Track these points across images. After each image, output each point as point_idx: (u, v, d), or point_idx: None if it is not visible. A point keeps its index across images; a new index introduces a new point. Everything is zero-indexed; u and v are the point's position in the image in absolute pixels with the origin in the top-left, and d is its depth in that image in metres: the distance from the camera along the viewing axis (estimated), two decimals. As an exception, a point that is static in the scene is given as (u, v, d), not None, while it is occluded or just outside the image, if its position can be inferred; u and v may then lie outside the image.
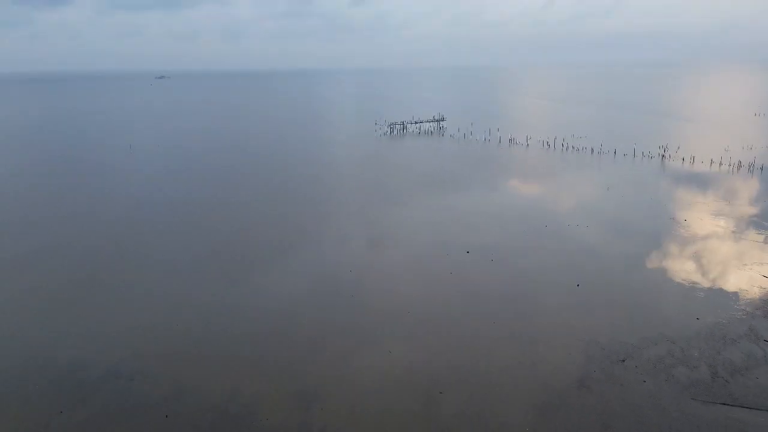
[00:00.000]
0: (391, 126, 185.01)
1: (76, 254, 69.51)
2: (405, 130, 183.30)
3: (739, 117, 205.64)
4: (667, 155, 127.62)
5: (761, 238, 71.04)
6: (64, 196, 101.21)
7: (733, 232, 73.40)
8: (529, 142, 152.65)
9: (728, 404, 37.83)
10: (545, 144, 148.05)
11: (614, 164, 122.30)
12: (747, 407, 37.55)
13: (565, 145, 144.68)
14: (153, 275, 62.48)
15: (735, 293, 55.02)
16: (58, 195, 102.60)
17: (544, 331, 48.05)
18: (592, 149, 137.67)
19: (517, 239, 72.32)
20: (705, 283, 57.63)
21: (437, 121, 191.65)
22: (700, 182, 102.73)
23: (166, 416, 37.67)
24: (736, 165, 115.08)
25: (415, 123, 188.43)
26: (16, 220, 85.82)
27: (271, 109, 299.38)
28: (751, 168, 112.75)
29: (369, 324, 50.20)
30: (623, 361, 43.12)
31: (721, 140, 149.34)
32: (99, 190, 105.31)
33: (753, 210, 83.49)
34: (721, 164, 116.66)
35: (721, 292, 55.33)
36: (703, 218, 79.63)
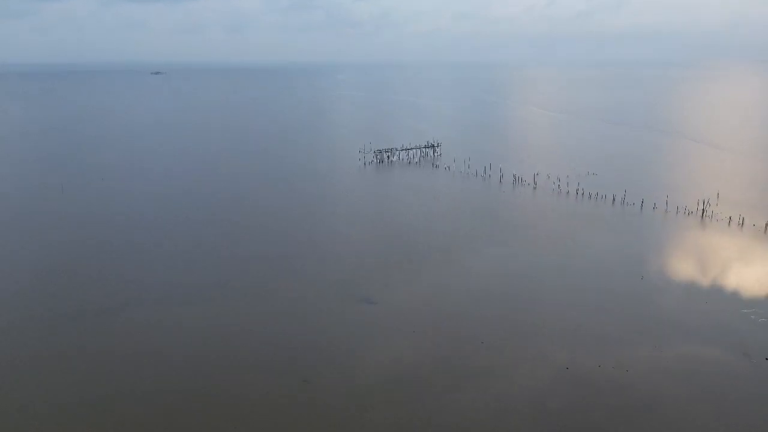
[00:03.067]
0: (377, 153, 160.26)
1: None
2: (391, 161, 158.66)
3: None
4: (708, 211, 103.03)
5: None
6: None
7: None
8: (536, 181, 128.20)
9: None
10: (556, 186, 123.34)
11: (643, 225, 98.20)
12: None
13: (581, 189, 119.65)
14: None
15: None
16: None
17: None
18: (614, 198, 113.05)
19: (528, 408, 48.15)
20: None
21: (431, 146, 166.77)
22: (760, 267, 78.34)
23: None
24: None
25: (405, 150, 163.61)
26: None
27: (255, 118, 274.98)
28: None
29: None
30: None
31: (765, 182, 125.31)
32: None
33: None
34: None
35: None
36: (789, 353, 55.53)
